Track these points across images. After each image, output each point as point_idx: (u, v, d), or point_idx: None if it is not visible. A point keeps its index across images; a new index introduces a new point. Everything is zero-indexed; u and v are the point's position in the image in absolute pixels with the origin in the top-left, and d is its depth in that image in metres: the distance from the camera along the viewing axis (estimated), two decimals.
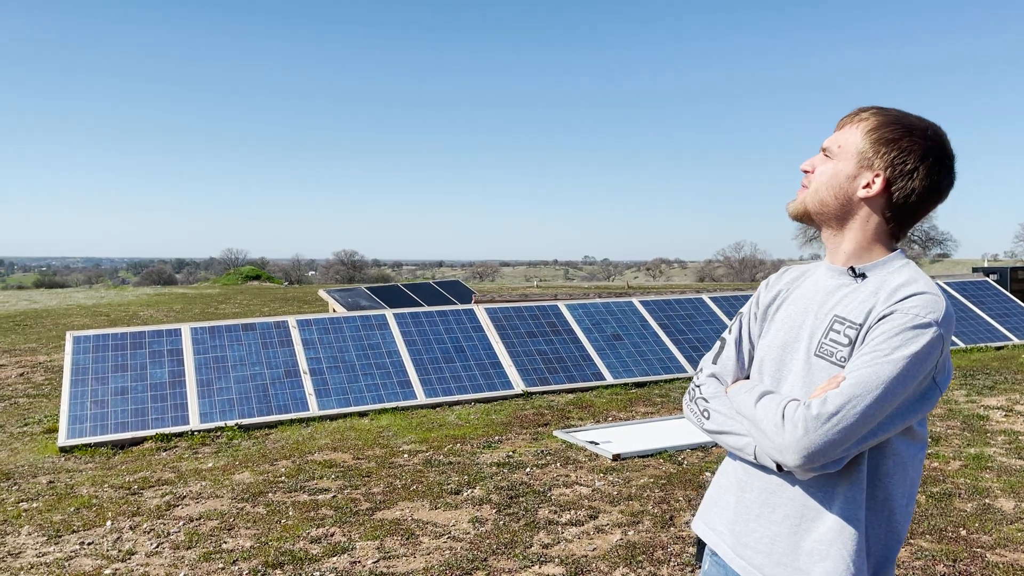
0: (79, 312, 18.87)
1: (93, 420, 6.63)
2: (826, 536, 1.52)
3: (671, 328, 9.51)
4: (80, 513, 4.73)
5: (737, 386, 1.67)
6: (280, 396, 7.29)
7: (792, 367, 1.62)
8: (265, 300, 23.35)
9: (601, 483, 5.11)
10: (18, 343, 13.01)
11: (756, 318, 1.76)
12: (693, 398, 1.73)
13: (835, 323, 1.58)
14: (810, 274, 1.74)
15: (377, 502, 4.80)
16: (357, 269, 61.80)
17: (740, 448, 1.61)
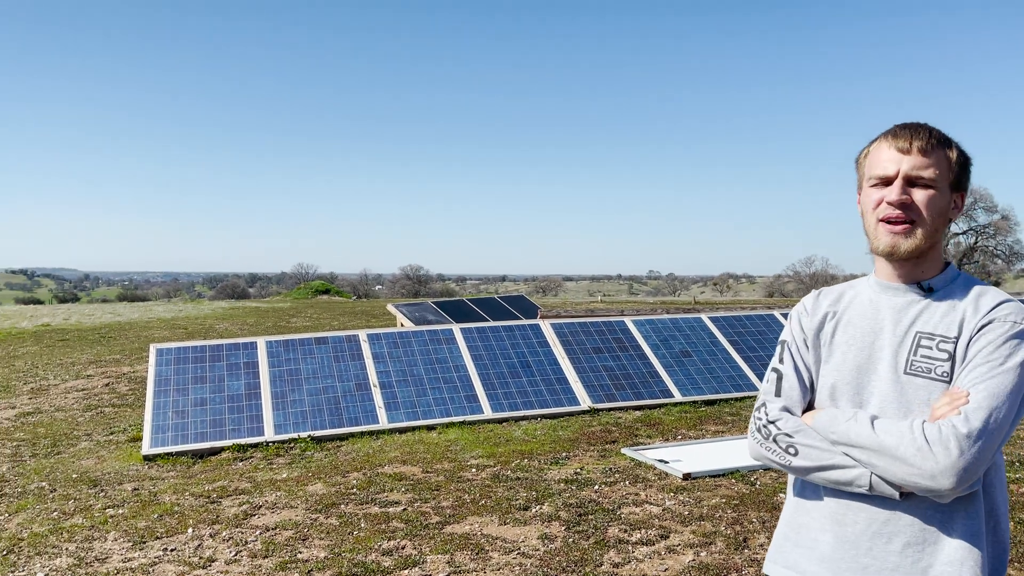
0: (159, 325, 19.62)
1: (174, 430, 6.88)
2: (955, 556, 1.49)
3: (741, 345, 9.34)
4: (163, 520, 4.91)
5: (825, 417, 1.60)
6: (351, 409, 7.43)
7: (875, 388, 1.59)
8: (334, 314, 23.85)
9: (671, 502, 5.04)
10: (103, 354, 13.60)
11: (807, 345, 1.71)
12: (769, 436, 1.64)
13: (922, 339, 1.57)
14: (856, 293, 1.71)
15: (447, 516, 4.84)
16: (422, 283, 62.62)
17: (849, 481, 1.53)
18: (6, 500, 5.44)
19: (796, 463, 1.59)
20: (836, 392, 1.64)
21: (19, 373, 11.48)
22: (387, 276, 78.94)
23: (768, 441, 1.63)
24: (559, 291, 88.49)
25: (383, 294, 61.97)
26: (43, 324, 19.74)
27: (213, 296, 61.62)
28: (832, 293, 1.75)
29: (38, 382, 10.67)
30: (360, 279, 70.12)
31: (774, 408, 1.66)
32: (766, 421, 1.65)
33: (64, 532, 4.73)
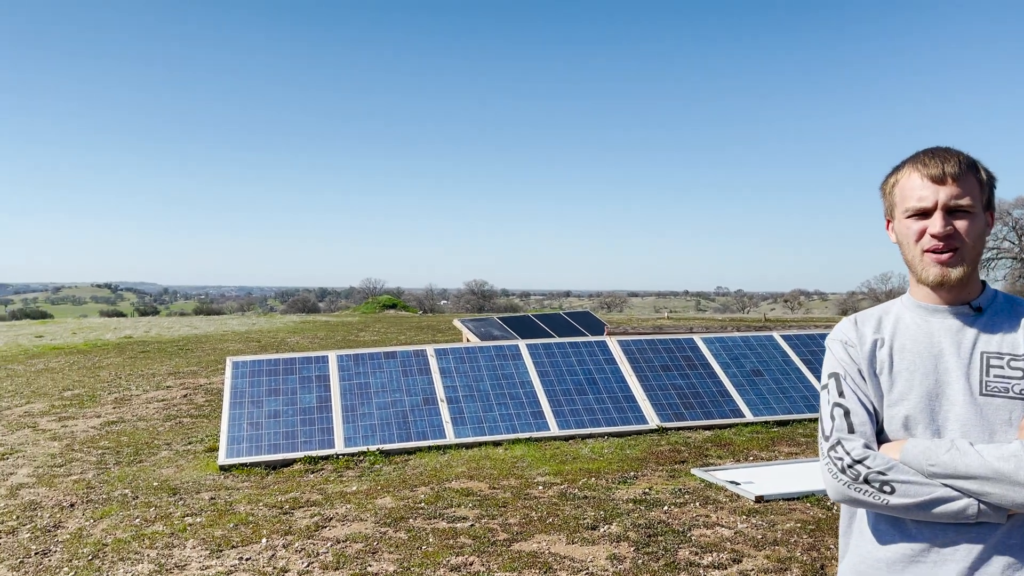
0: (233, 338, 20.22)
1: (249, 441, 7.06)
2: None
3: (815, 364, 9.07)
4: (238, 529, 5.03)
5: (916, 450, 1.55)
6: (419, 423, 7.50)
7: (951, 413, 1.59)
8: (401, 328, 24.17)
9: (744, 525, 4.91)
10: (181, 366, 14.08)
11: (863, 376, 1.67)
12: (859, 476, 1.56)
13: (990, 359, 1.59)
14: (897, 318, 1.70)
15: (514, 533, 4.83)
16: (486, 299, 63.02)
17: (956, 512, 1.50)
18: (92, 506, 5.67)
19: (894, 501, 1.54)
20: (911, 422, 1.60)
21: (104, 383, 11.98)
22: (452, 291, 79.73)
23: (858, 482, 1.57)
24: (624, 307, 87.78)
25: (448, 309, 62.58)
26: (126, 336, 20.58)
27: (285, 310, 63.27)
28: (870, 319, 1.73)
29: (121, 392, 11.11)
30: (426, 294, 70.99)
31: (856, 446, 1.59)
32: (851, 460, 1.58)
33: (145, 539, 4.90)
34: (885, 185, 1.70)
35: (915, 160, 1.63)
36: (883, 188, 1.71)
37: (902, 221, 1.63)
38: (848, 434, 1.62)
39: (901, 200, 1.63)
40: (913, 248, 1.61)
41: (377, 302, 44.13)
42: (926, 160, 1.61)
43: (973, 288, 1.63)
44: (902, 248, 1.66)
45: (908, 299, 1.70)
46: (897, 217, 1.65)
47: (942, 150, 1.62)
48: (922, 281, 1.62)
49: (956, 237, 1.57)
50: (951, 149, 1.62)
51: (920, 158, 1.63)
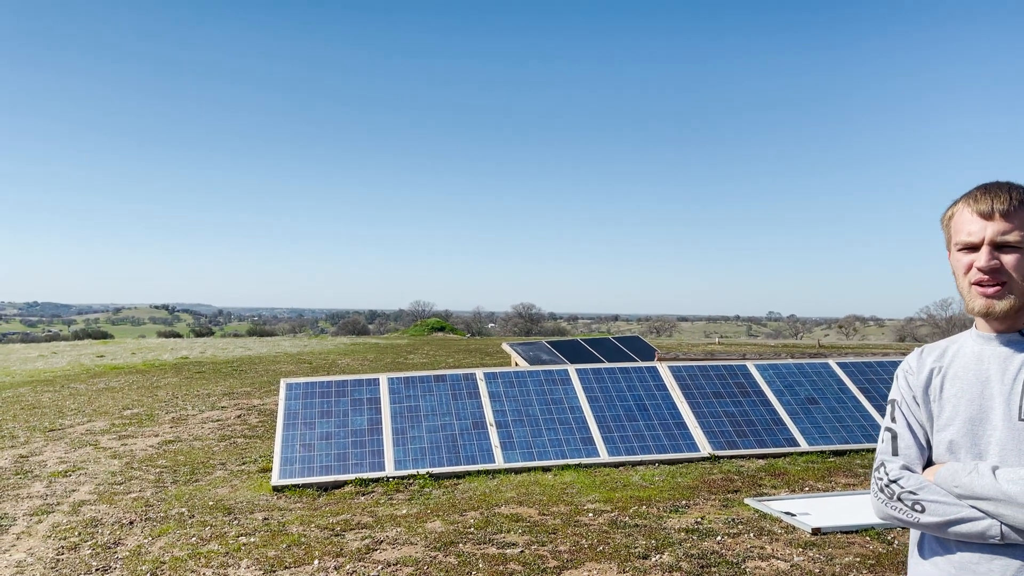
0: (286, 359, 20.57)
1: (301, 462, 7.16)
2: None
3: (873, 393, 8.84)
4: (291, 550, 5.09)
5: (946, 472, 1.64)
6: (468, 447, 7.52)
7: (991, 439, 1.64)
8: (450, 351, 24.29)
9: (800, 558, 4.79)
10: (235, 387, 14.37)
11: (917, 402, 1.75)
12: (893, 495, 1.69)
13: None
14: (960, 347, 1.77)
15: (564, 560, 4.79)
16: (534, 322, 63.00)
17: (980, 533, 1.56)
18: (150, 524, 5.80)
19: (924, 520, 1.62)
20: (954, 446, 1.67)
21: (161, 403, 12.29)
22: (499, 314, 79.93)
23: (893, 501, 1.67)
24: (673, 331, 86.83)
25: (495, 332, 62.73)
26: (182, 357, 21.10)
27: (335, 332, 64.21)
28: (936, 350, 1.80)
29: (178, 412, 11.38)
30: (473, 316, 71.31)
31: (894, 467, 1.71)
32: (887, 481, 1.69)
33: (201, 557, 4.99)
34: (944, 218, 1.78)
35: (969, 195, 1.71)
36: (942, 220, 1.79)
37: (954, 254, 1.72)
38: (891, 456, 1.73)
39: (955, 233, 1.71)
40: (962, 280, 1.69)
41: (425, 324, 44.48)
42: (978, 196, 1.68)
43: None
44: (956, 279, 1.73)
45: (972, 330, 1.77)
46: (952, 250, 1.74)
47: (995, 185, 1.67)
48: (969, 311, 1.70)
49: (1002, 272, 1.62)
50: (1006, 184, 1.67)
51: (973, 193, 1.70)
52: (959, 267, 1.70)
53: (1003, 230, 1.62)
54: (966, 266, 1.68)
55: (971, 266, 1.66)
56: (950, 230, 1.75)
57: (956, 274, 1.73)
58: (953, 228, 1.73)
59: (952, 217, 1.74)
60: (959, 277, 1.71)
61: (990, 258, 1.63)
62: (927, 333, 54.42)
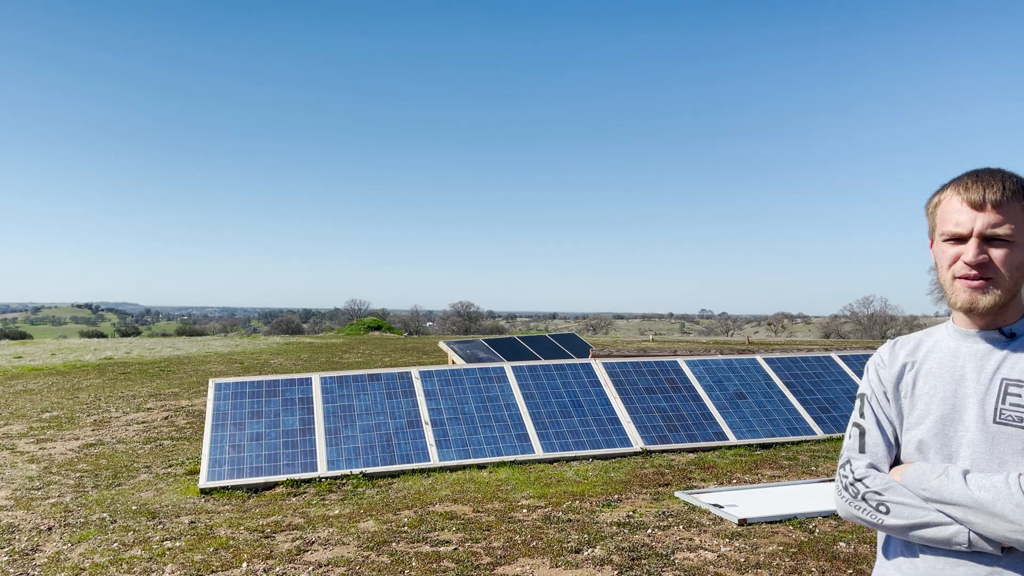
0: (216, 359, 20.06)
1: (231, 464, 7.00)
2: None
3: (798, 388, 9.13)
4: (218, 554, 4.98)
5: (914, 473, 1.56)
6: (403, 446, 7.47)
7: (963, 439, 1.55)
8: (386, 350, 24.08)
9: (727, 548, 4.92)
10: (163, 388, 13.95)
11: (888, 398, 1.67)
12: (858, 494, 1.59)
13: (1009, 387, 1.53)
14: (935, 342, 1.67)
15: (497, 557, 4.81)
16: (472, 320, 62.91)
17: (946, 539, 1.49)
18: (70, 530, 5.59)
19: (888, 522, 1.55)
20: (923, 446, 1.59)
21: (83, 405, 11.84)
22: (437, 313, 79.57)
23: (857, 500, 1.60)
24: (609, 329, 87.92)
25: (433, 330, 62.43)
26: (106, 357, 20.38)
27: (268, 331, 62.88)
28: (909, 342, 1.71)
29: (100, 414, 10.98)
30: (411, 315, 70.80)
31: (860, 465, 1.62)
32: (853, 479, 1.61)
33: (124, 563, 4.83)
34: (929, 205, 1.66)
35: (958, 182, 1.58)
36: (927, 207, 1.67)
37: (939, 244, 1.60)
38: (858, 454, 1.64)
39: (940, 222, 1.59)
40: (946, 272, 1.58)
41: (362, 324, 43.99)
42: (968, 183, 1.55)
43: (1011, 314, 1.58)
44: (938, 270, 1.62)
45: (949, 323, 1.67)
46: (936, 239, 1.62)
47: (988, 173, 1.56)
48: (952, 305, 1.60)
49: (990, 267, 1.52)
50: (999, 172, 1.56)
51: (963, 180, 1.57)
52: (943, 259, 1.58)
53: (994, 222, 1.51)
54: (951, 258, 1.56)
55: (957, 258, 1.55)
56: (935, 218, 1.62)
57: (939, 266, 1.60)
58: (939, 217, 1.60)
59: (939, 205, 1.61)
60: (942, 269, 1.59)
61: (978, 252, 1.51)
62: (851, 330, 56.45)
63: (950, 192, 1.60)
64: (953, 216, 1.57)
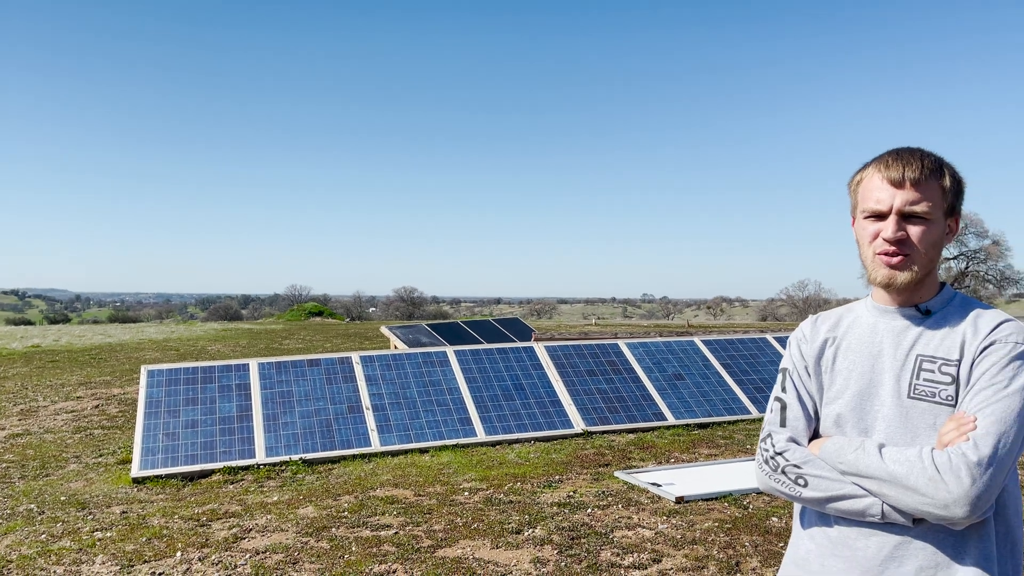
0: (150, 346, 19.53)
1: (164, 452, 6.83)
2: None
3: (734, 368, 9.35)
4: (151, 543, 4.86)
5: (832, 446, 1.58)
6: (343, 431, 7.40)
7: (879, 414, 1.59)
8: (328, 336, 23.79)
9: (664, 526, 5.02)
10: (94, 376, 13.52)
11: (809, 373, 1.70)
12: (777, 467, 1.62)
13: (923, 363, 1.57)
14: (855, 317, 1.70)
15: (438, 539, 4.81)
16: (416, 306, 62.55)
17: (861, 511, 1.53)
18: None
19: (806, 494, 1.58)
20: (841, 420, 1.63)
21: (9, 394, 11.40)
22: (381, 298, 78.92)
23: (777, 473, 1.62)
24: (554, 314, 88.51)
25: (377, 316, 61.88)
26: (33, 345, 19.63)
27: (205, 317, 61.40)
28: (830, 318, 1.75)
29: (28, 403, 10.59)
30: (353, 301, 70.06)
31: (780, 439, 1.65)
32: (773, 452, 1.64)
33: (52, 555, 4.68)
34: (851, 182, 1.69)
35: (879, 160, 1.61)
36: (849, 185, 1.70)
37: (860, 221, 1.63)
38: (779, 428, 1.67)
39: (862, 200, 1.62)
40: (867, 249, 1.61)
41: (303, 309, 43.33)
42: (889, 161, 1.59)
43: (927, 291, 1.62)
44: (859, 247, 1.65)
45: (868, 299, 1.71)
46: (857, 216, 1.65)
47: (908, 152, 1.59)
48: (872, 281, 1.63)
49: (908, 243, 1.56)
50: (918, 151, 1.59)
51: (884, 159, 1.61)
52: (864, 235, 1.62)
53: (912, 200, 1.55)
54: (872, 235, 1.59)
55: (877, 235, 1.58)
56: (857, 196, 1.65)
57: (860, 242, 1.64)
58: (860, 194, 1.63)
59: (860, 182, 1.64)
60: (863, 246, 1.63)
61: (897, 229, 1.55)
62: (786, 312, 58.03)
63: (871, 170, 1.63)
64: (874, 194, 1.60)
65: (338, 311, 52.30)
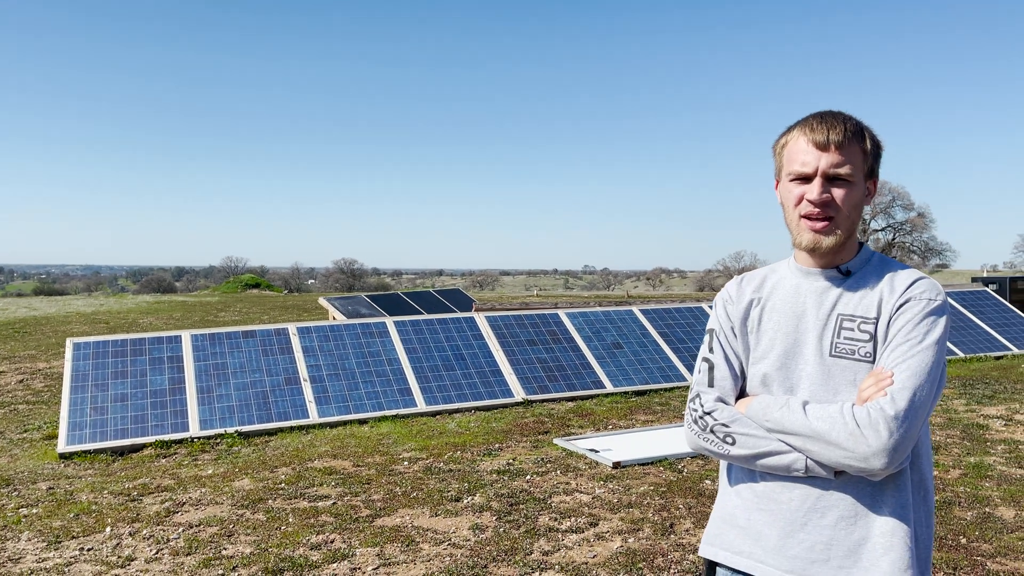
0: (78, 320, 18.87)
1: (93, 427, 6.62)
2: (886, 528, 1.54)
3: (671, 337, 9.52)
4: (80, 519, 4.73)
5: (758, 404, 1.62)
6: (280, 403, 7.29)
7: (803, 372, 1.63)
8: (265, 308, 23.36)
9: (601, 491, 5.10)
10: (17, 350, 13.00)
11: (735, 333, 1.73)
12: (706, 427, 1.65)
13: (844, 322, 1.62)
14: (779, 279, 1.74)
15: (377, 509, 4.80)
16: (356, 278, 61.85)
17: (786, 466, 1.57)
18: None
19: (734, 452, 1.62)
20: (767, 379, 1.67)
21: None
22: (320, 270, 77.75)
23: (706, 432, 1.65)
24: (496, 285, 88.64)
25: (316, 288, 60.97)
26: None
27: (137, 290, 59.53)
28: (755, 279, 1.78)
29: None
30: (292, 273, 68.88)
31: (709, 399, 1.68)
32: (702, 412, 1.67)
33: None
34: (776, 145, 1.71)
35: (804, 124, 1.64)
36: (774, 148, 1.71)
37: (785, 184, 1.65)
38: (707, 388, 1.70)
39: (787, 162, 1.64)
40: (792, 212, 1.64)
41: (239, 281, 42.40)
42: (814, 124, 1.61)
43: (847, 252, 1.66)
44: (784, 210, 1.68)
45: (791, 261, 1.74)
46: (782, 179, 1.67)
47: (831, 115, 1.62)
48: (797, 245, 1.66)
49: (832, 205, 1.59)
50: (840, 115, 1.63)
51: (809, 122, 1.63)
52: (789, 198, 1.64)
53: (836, 162, 1.58)
54: (797, 197, 1.62)
55: (802, 198, 1.61)
56: (782, 159, 1.67)
57: (785, 205, 1.66)
58: (786, 157, 1.65)
59: (785, 146, 1.66)
60: (788, 208, 1.65)
61: (822, 190, 1.58)
62: (723, 283, 59.29)
63: (796, 133, 1.65)
64: (799, 156, 1.62)
65: (276, 283, 51.35)
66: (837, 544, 1.56)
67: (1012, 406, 7.55)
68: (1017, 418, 7.05)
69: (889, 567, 1.52)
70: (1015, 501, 4.80)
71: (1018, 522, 4.44)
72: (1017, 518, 4.51)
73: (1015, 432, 6.55)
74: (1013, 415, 7.17)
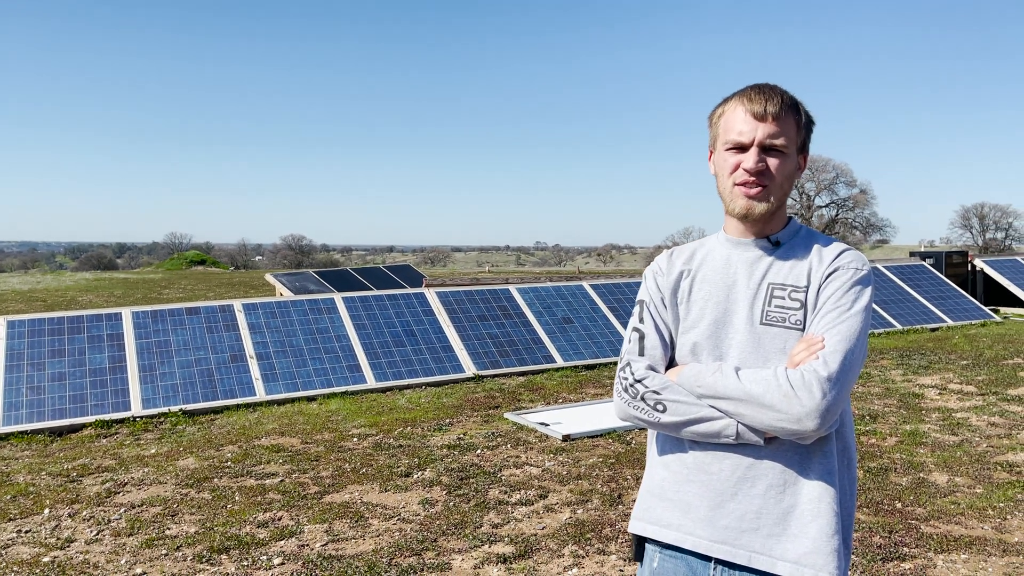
0: (13, 297, 18.23)
1: (29, 407, 6.42)
2: (813, 494, 1.57)
3: (620, 312, 9.61)
4: (16, 501, 4.58)
5: (690, 372, 1.63)
6: (226, 381, 7.16)
7: (733, 340, 1.65)
8: (210, 285, 22.88)
9: (551, 463, 5.14)
10: None
11: (665, 304, 1.74)
12: (637, 395, 1.65)
13: (775, 291, 1.65)
14: (709, 251, 1.76)
15: (326, 486, 4.76)
16: (305, 254, 60.94)
17: (717, 432, 1.58)
18: None
19: (665, 419, 1.61)
20: (697, 348, 1.68)
21: None
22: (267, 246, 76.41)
23: (636, 400, 1.65)
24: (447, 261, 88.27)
25: (263, 265, 59.93)
26: None
27: (76, 267, 57.69)
28: (685, 252, 1.79)
29: None
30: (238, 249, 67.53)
31: (640, 367, 1.67)
32: (632, 380, 1.66)
33: None
34: (712, 115, 1.73)
35: (742, 95, 1.66)
36: (710, 118, 1.73)
37: (721, 153, 1.67)
38: (638, 356, 1.70)
39: (724, 132, 1.66)
40: (726, 180, 1.66)
41: (183, 258, 41.43)
42: (752, 95, 1.64)
43: (777, 223, 1.69)
44: (718, 179, 1.69)
45: (721, 233, 1.76)
46: (718, 148, 1.69)
47: (768, 88, 1.66)
48: (729, 212, 1.69)
49: (767, 175, 1.62)
50: (776, 87, 1.66)
51: (747, 93, 1.66)
52: (725, 167, 1.66)
53: (772, 133, 1.61)
54: (732, 166, 1.64)
55: (737, 166, 1.63)
56: (718, 128, 1.69)
57: (719, 174, 1.68)
58: (723, 127, 1.67)
59: (722, 115, 1.68)
60: (722, 177, 1.67)
61: (758, 160, 1.61)
62: None
63: (734, 103, 1.67)
64: (736, 126, 1.64)
65: (222, 260, 50.30)
66: (767, 513, 1.58)
67: (946, 376, 7.83)
68: (951, 387, 7.32)
69: (817, 533, 1.55)
70: (948, 467, 4.99)
71: (950, 487, 4.62)
72: (949, 483, 4.69)
73: (948, 400, 6.80)
74: (947, 384, 7.44)
